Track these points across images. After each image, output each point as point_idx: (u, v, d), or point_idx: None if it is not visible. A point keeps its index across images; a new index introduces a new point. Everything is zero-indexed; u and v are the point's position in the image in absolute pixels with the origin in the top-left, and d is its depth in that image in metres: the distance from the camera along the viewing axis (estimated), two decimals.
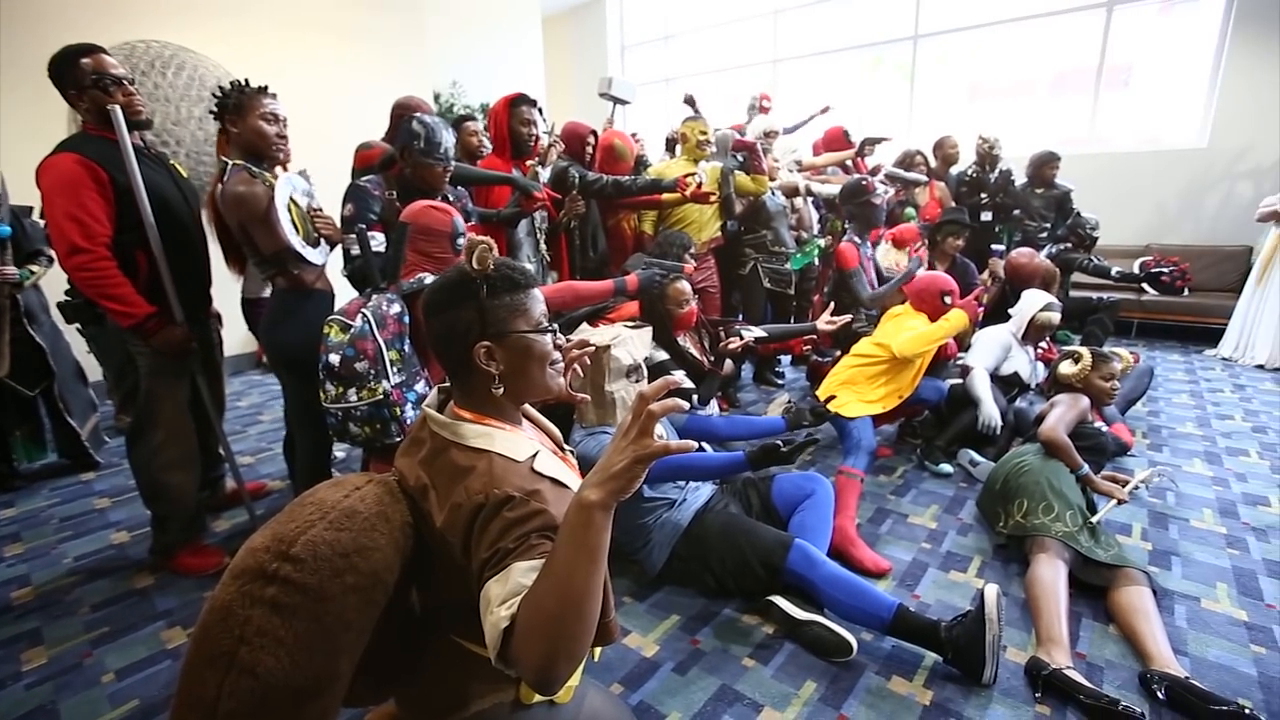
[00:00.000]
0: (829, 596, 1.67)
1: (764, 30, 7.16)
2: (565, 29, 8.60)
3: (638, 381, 1.95)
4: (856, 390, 2.59)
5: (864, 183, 3.16)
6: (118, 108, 1.81)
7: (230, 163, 1.93)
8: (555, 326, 1.01)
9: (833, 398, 2.25)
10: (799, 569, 1.71)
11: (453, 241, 1.80)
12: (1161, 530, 2.24)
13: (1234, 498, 2.45)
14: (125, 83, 1.88)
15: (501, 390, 0.94)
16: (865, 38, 6.51)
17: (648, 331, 2.19)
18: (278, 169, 2.06)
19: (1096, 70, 5.27)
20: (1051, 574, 1.76)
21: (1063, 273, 3.91)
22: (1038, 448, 2.18)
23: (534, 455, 0.92)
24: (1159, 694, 1.47)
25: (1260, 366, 4.07)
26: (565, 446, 1.14)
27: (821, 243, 3.75)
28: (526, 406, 1.08)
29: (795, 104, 6.97)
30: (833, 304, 2.86)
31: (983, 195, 4.24)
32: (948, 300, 2.63)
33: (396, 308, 1.69)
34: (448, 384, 1.01)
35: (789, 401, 3.36)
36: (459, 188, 2.39)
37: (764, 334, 2.58)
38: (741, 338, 2.47)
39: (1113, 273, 3.88)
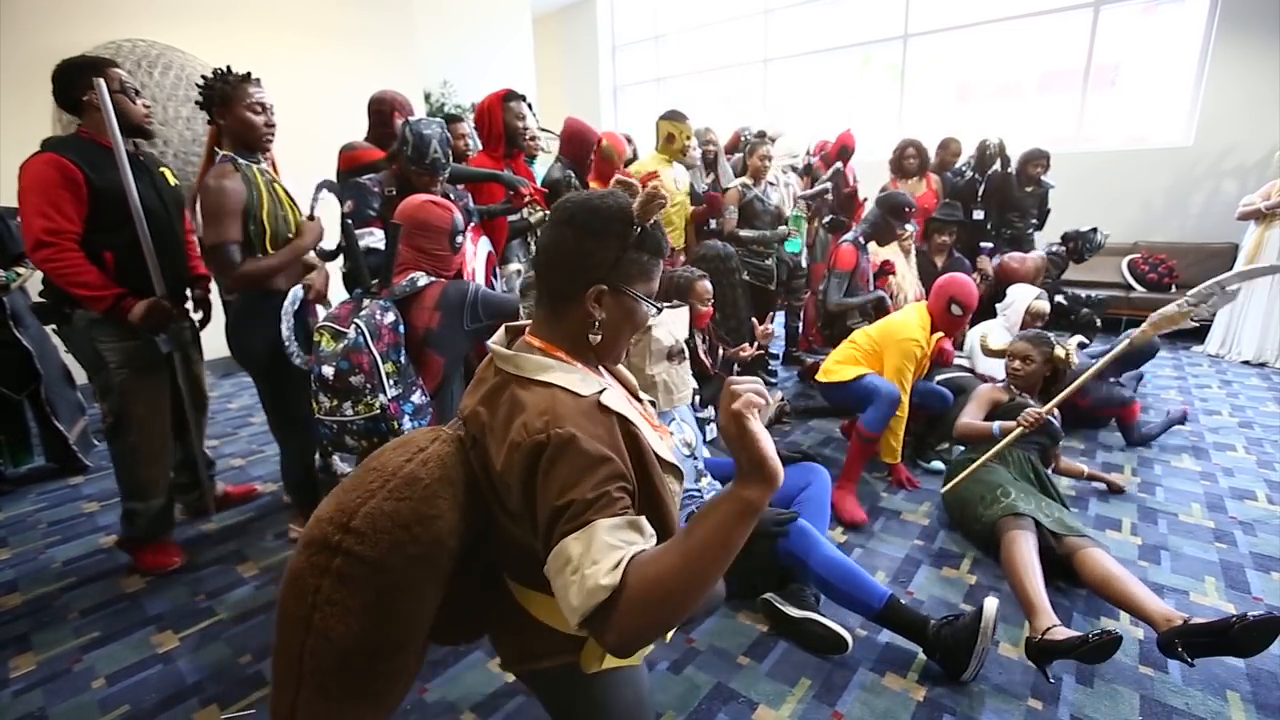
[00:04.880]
0: (821, 580, 1.66)
1: (754, 30, 7.18)
2: (556, 28, 8.59)
3: (680, 363, 1.88)
4: (856, 366, 2.62)
5: (907, 209, 3.16)
6: (102, 81, 1.83)
7: (220, 154, 1.93)
8: (660, 307, 1.00)
9: (817, 367, 2.29)
10: (795, 549, 1.69)
11: (451, 240, 1.76)
12: (1150, 525, 2.27)
13: (1221, 492, 2.48)
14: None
15: (604, 337, 0.90)
16: (855, 37, 6.54)
17: (685, 311, 2.14)
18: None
19: (1083, 70, 5.32)
20: (1022, 548, 1.80)
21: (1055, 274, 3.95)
22: (961, 451, 2.30)
23: (600, 391, 0.86)
24: (1185, 655, 1.44)
25: (1246, 362, 4.12)
26: (641, 397, 1.08)
27: (803, 216, 3.72)
28: None
29: (787, 103, 7.03)
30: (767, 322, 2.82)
31: (977, 195, 4.26)
32: (955, 310, 2.52)
33: (391, 316, 1.64)
34: (515, 323, 0.98)
35: (782, 399, 3.37)
36: (457, 186, 2.38)
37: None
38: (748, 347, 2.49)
39: (1081, 313, 3.81)
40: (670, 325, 1.90)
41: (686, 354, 1.92)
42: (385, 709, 0.88)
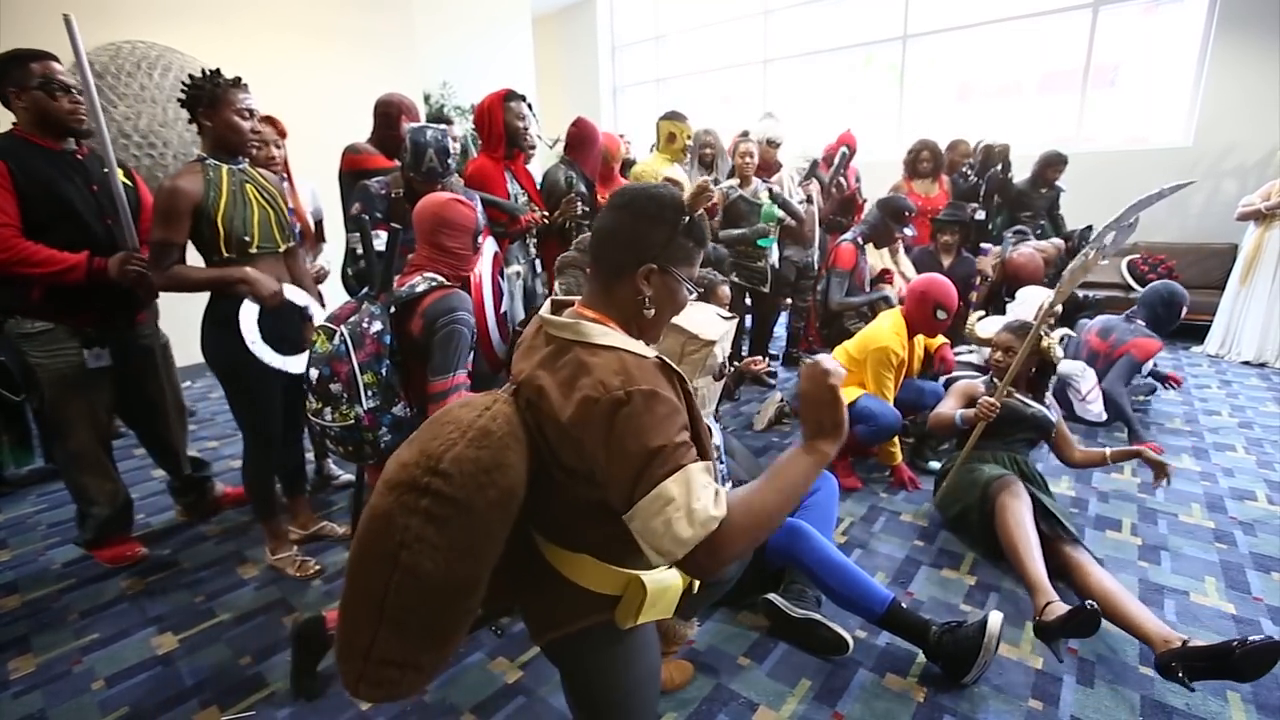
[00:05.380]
0: (821, 581, 1.66)
1: (754, 30, 7.19)
2: (556, 29, 8.59)
3: (718, 379, 1.86)
4: (846, 387, 2.60)
5: (907, 213, 3.19)
6: (72, 15, 1.83)
7: (196, 154, 1.89)
8: (698, 291, 1.06)
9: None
10: (782, 548, 1.70)
11: (474, 237, 1.73)
12: (1151, 525, 2.27)
13: (1221, 492, 2.48)
14: (73, 90, 1.89)
15: (651, 313, 0.97)
16: (855, 38, 6.54)
17: (734, 324, 2.16)
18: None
19: (1083, 70, 5.32)
20: (1016, 516, 1.85)
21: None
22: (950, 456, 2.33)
23: (657, 355, 0.95)
24: (1185, 679, 1.43)
25: (1246, 363, 4.12)
26: None
27: (776, 211, 3.65)
28: None
29: (787, 103, 7.03)
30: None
31: (979, 196, 4.26)
32: (940, 315, 2.50)
33: (377, 325, 1.59)
34: (560, 297, 1.04)
35: (781, 400, 3.37)
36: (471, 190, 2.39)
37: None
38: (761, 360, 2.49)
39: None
40: (725, 343, 1.88)
41: (727, 371, 1.90)
42: (449, 650, 0.94)
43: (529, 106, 2.69)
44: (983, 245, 4.09)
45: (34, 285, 1.89)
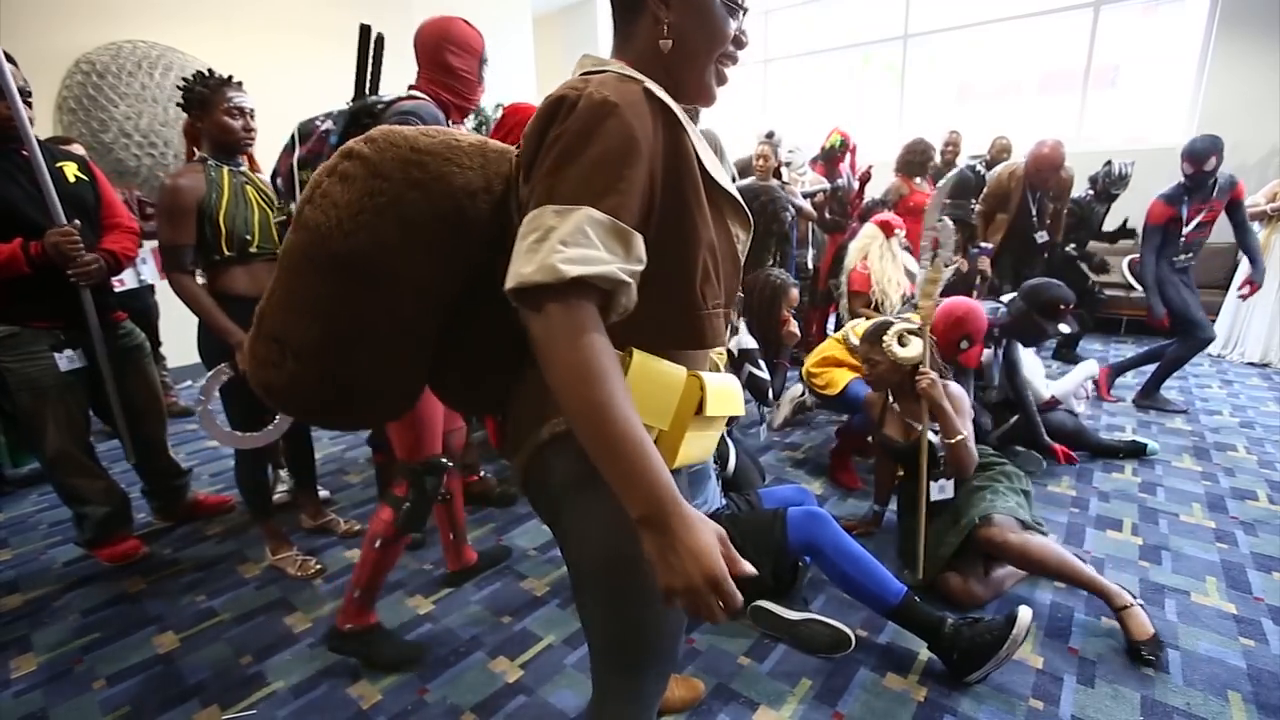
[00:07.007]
0: (836, 568, 1.61)
1: (754, 30, 7.19)
2: (556, 29, 8.58)
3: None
4: (839, 369, 2.61)
5: (1063, 305, 2.60)
6: None
7: (198, 154, 1.92)
8: (746, 8, 0.79)
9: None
10: (802, 532, 1.63)
11: (480, 65, 1.78)
12: (1151, 525, 2.27)
13: (1222, 492, 2.48)
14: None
15: (669, 45, 0.74)
16: (855, 37, 6.54)
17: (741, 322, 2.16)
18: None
19: (1084, 70, 5.32)
20: (1032, 540, 1.76)
21: (1064, 270, 3.97)
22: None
23: (651, 83, 0.71)
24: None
25: (1250, 363, 4.11)
26: None
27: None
28: None
29: (787, 103, 7.03)
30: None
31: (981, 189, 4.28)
32: (964, 345, 2.32)
33: (329, 125, 1.58)
34: None
35: (802, 394, 3.30)
36: None
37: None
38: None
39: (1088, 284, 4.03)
40: (742, 335, 1.87)
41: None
42: (331, 365, 0.81)
43: None
44: (982, 245, 4.09)
45: None
